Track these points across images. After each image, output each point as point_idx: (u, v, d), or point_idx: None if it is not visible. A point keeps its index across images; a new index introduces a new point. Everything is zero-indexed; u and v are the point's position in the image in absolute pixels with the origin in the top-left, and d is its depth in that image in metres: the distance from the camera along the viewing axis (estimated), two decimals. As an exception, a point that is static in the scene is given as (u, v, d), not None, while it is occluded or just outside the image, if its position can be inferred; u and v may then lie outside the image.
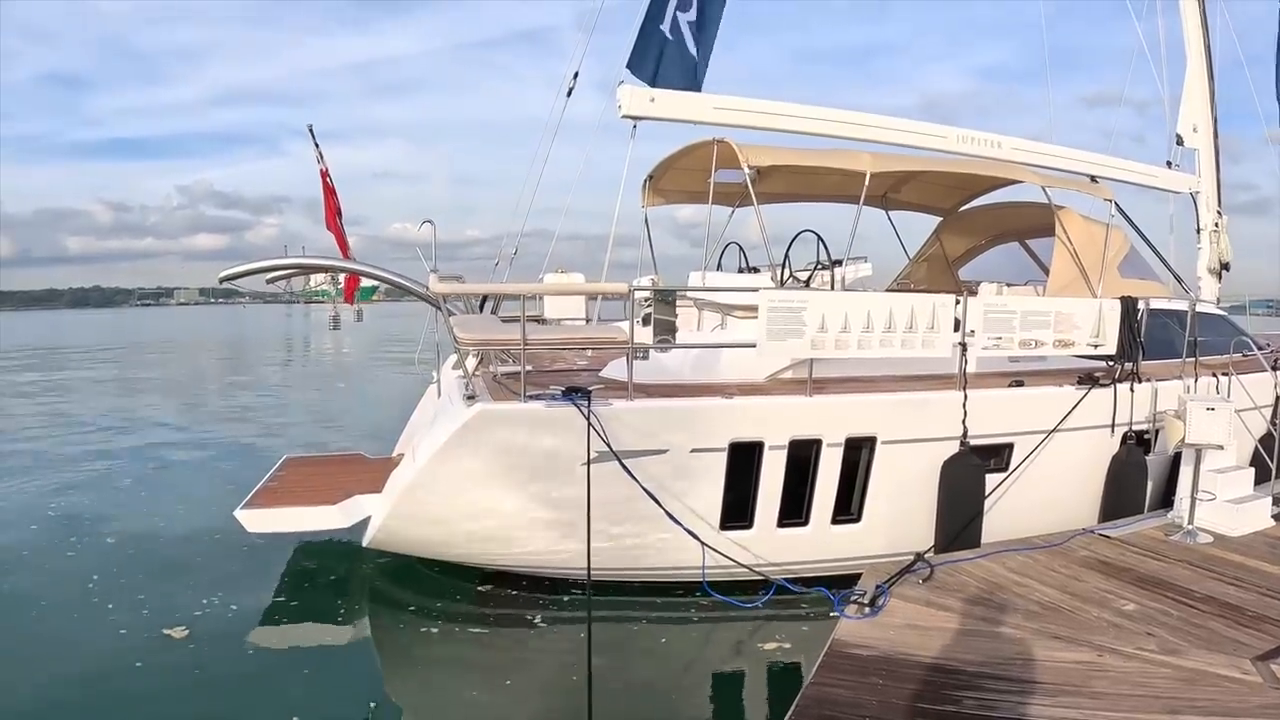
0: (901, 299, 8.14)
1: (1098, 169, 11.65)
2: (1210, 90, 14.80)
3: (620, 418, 7.21)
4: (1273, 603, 6.33)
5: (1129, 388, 9.10)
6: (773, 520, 7.88)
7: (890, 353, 8.00)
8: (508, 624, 7.55)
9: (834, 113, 10.13)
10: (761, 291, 7.71)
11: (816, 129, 9.95)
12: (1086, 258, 10.32)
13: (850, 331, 7.81)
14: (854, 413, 7.93)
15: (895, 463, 8.07)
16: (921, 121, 10.79)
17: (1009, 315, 8.48)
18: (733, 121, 9.57)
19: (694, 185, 11.29)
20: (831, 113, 10.12)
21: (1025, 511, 8.42)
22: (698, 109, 9.44)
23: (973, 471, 8.12)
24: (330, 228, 10.55)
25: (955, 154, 10.72)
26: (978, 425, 8.13)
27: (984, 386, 8.45)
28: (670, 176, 11.47)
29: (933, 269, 13.70)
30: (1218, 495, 8.07)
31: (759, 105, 9.69)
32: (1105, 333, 8.99)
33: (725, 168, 9.77)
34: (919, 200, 13.40)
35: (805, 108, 9.99)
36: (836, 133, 10.05)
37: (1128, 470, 9.03)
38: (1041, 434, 8.54)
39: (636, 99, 9.07)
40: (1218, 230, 14.18)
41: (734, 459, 7.63)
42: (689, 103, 9.48)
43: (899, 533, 8.14)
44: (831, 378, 8.38)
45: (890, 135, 10.30)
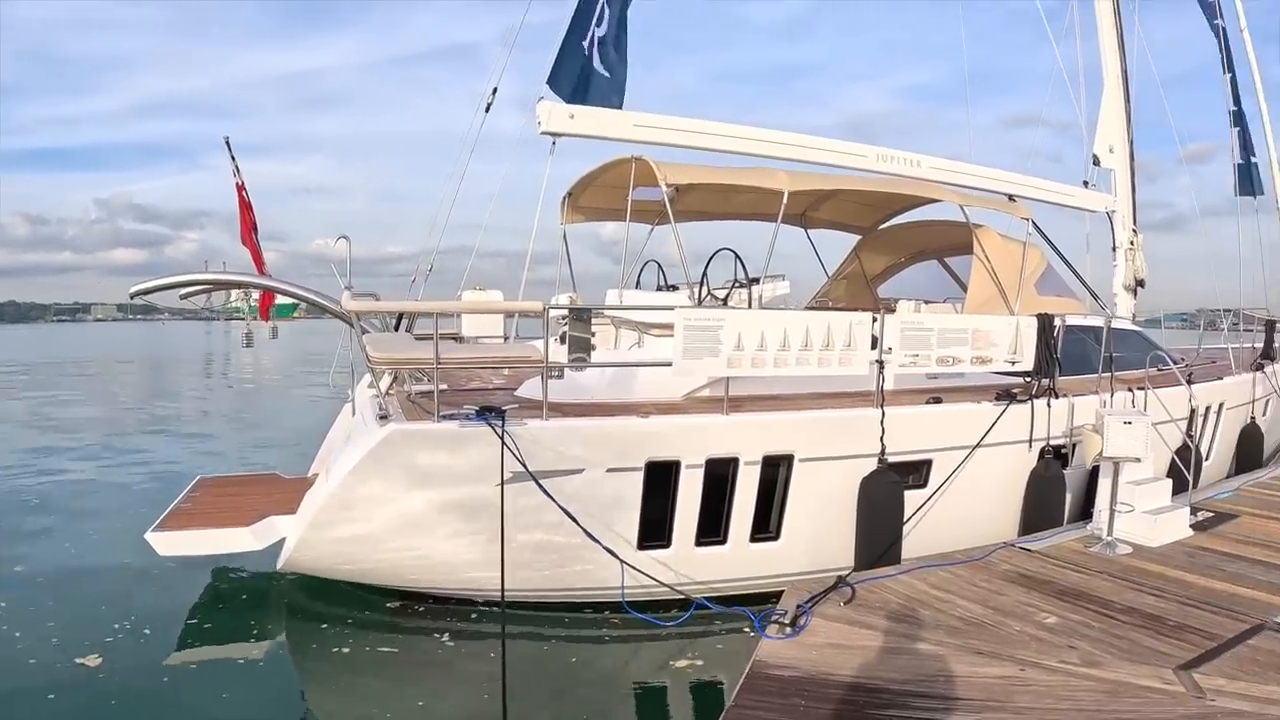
0: (818, 317, 8.11)
1: (1016, 188, 11.77)
2: (1126, 112, 15.15)
3: (535, 437, 7.07)
4: (1193, 612, 6.34)
5: (1046, 403, 9.17)
6: (690, 539, 7.76)
7: (807, 371, 7.95)
8: (423, 644, 7.30)
9: (754, 131, 10.09)
10: (677, 310, 7.62)
11: (736, 147, 9.93)
12: (1004, 275, 10.40)
13: (767, 350, 7.74)
14: (771, 431, 7.85)
15: (813, 480, 8.00)
16: (842, 140, 10.82)
17: (926, 333, 8.49)
18: (652, 139, 9.51)
19: (613, 203, 11.18)
20: (751, 131, 10.08)
21: (945, 527, 8.41)
22: (617, 126, 9.36)
23: (891, 488, 8.07)
24: (246, 243, 10.25)
25: (875, 173, 10.76)
26: (896, 442, 8.10)
27: (902, 403, 8.45)
28: (589, 194, 11.38)
29: (852, 287, 13.76)
30: (1136, 507, 8.12)
31: (679, 123, 9.63)
32: (1022, 349, 9.04)
33: (643, 185, 9.70)
34: (838, 218, 13.46)
35: (725, 126, 9.94)
36: (756, 151, 10.02)
37: (1046, 484, 9.07)
38: (960, 450, 8.55)
39: (556, 115, 8.97)
40: (1133, 248, 14.49)
41: (650, 478, 7.51)
42: (608, 120, 9.39)
43: (818, 551, 8.08)
44: (750, 395, 8.31)
45: (810, 154, 10.30)
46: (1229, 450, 13.07)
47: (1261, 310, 17.42)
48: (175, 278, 7.48)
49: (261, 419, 23.67)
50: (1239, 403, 13.03)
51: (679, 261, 9.54)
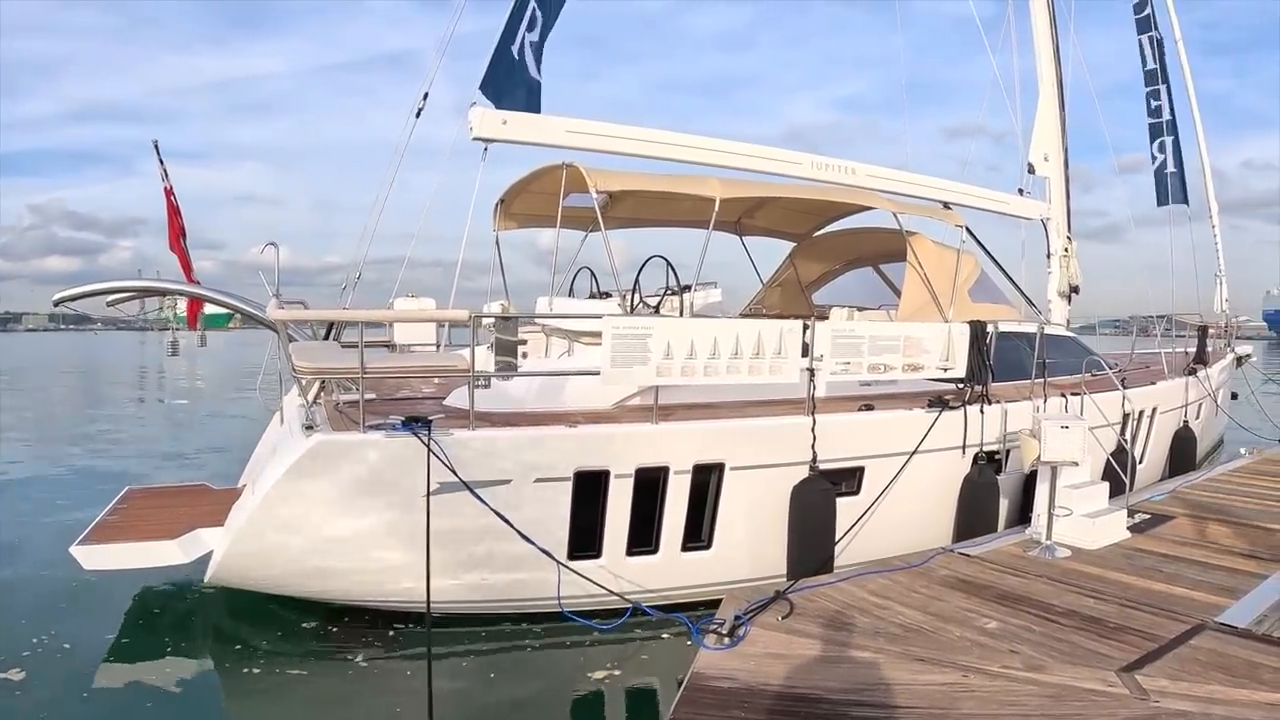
0: (748, 325, 7.98)
1: (952, 196, 11.81)
2: (1061, 120, 15.32)
3: (462, 447, 6.87)
4: (1133, 613, 6.28)
5: (979, 409, 9.12)
6: (621, 549, 7.59)
7: (738, 379, 7.84)
8: (352, 658, 7.01)
9: (688, 138, 10.00)
10: (605, 318, 7.46)
11: (670, 154, 9.81)
12: (938, 283, 10.37)
13: (697, 358, 7.62)
14: (701, 439, 7.72)
15: (744, 489, 7.87)
16: (776, 148, 10.75)
17: (858, 340, 8.42)
18: (586, 145, 9.33)
19: (546, 209, 10.95)
20: (685, 138, 9.98)
21: (879, 534, 8.33)
22: (550, 132, 9.16)
23: (823, 496, 7.96)
24: (174, 249, 10.01)
25: (810, 181, 10.69)
26: (827, 450, 8.00)
27: (834, 411, 8.35)
28: (522, 200, 11.18)
29: (786, 294, 13.70)
30: (1074, 510, 8.08)
31: (613, 129, 9.47)
32: (955, 356, 9.01)
33: (576, 192, 9.54)
34: (772, 226, 13.41)
35: (659, 133, 9.81)
36: (690, 158, 9.91)
37: (980, 490, 9.03)
38: (893, 457, 8.48)
39: (488, 121, 8.74)
40: (1067, 255, 14.61)
41: (579, 488, 7.34)
42: (541, 125, 9.19)
43: (752, 559, 7.97)
44: (681, 404, 8.14)
45: (744, 161, 10.19)
46: (1163, 454, 13.17)
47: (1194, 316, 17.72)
48: (100, 285, 7.25)
49: (192, 429, 23.04)
50: (1172, 407, 13.15)
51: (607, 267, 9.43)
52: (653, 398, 7.74)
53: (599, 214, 8.76)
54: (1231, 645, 5.70)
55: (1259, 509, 9.78)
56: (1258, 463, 13.02)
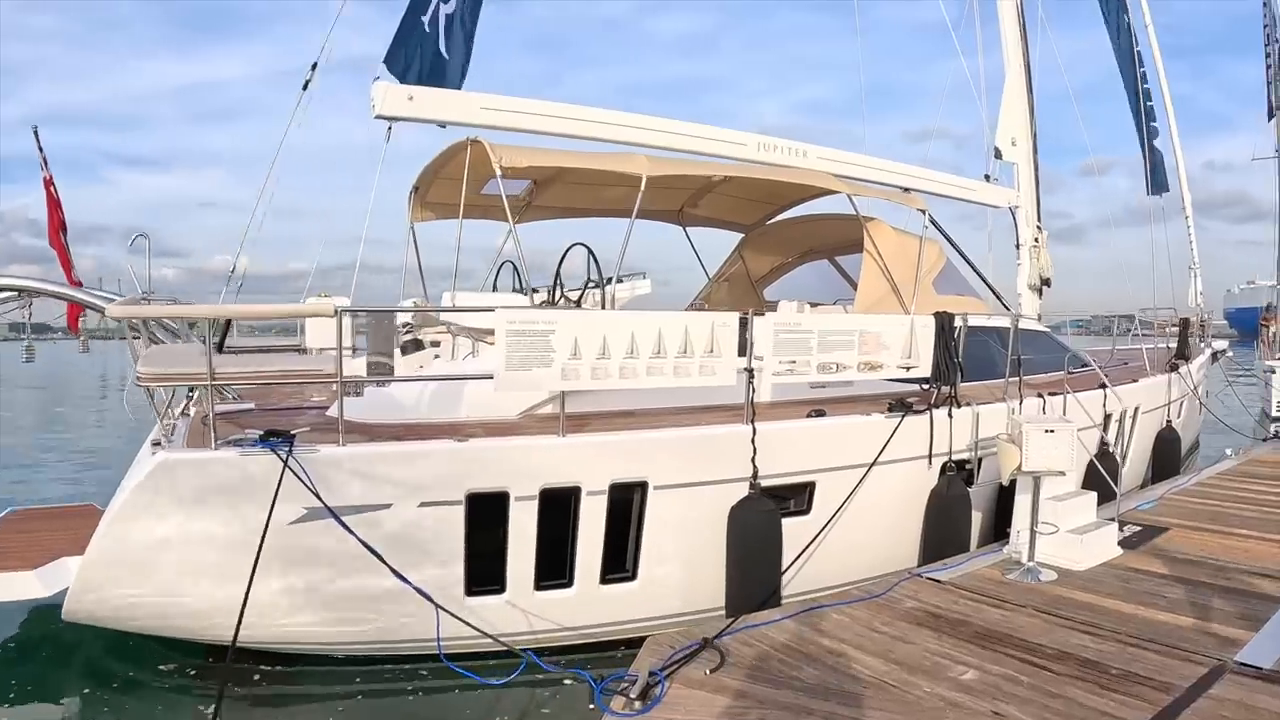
0: (674, 318, 6.84)
1: (913, 182, 10.84)
2: (1029, 104, 14.38)
3: (331, 465, 5.83)
4: (1137, 654, 5.21)
5: (947, 413, 8.05)
6: (529, 582, 6.52)
7: (660, 383, 6.72)
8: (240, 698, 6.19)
9: (621, 116, 9.05)
10: (498, 312, 6.30)
11: (602, 134, 8.88)
12: (898, 272, 9.32)
13: (610, 358, 6.48)
14: (618, 454, 6.62)
15: (672, 511, 6.80)
16: (719, 127, 9.74)
17: (805, 336, 7.30)
18: (504, 124, 8.40)
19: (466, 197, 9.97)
20: (619, 116, 9.04)
21: (833, 559, 7.33)
22: (463, 109, 8.21)
23: (765, 517, 6.84)
24: (54, 244, 9.44)
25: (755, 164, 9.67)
26: (771, 463, 6.91)
27: (778, 418, 7.29)
28: (438, 188, 10.02)
29: (735, 289, 12.51)
30: (1060, 526, 7.00)
31: (535, 106, 8.55)
32: (918, 353, 7.91)
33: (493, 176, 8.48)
34: (718, 215, 12.21)
35: (589, 110, 8.88)
36: (625, 138, 8.97)
37: (949, 504, 7.94)
38: (848, 470, 7.40)
39: (392, 97, 7.80)
40: (1038, 245, 13.58)
41: (474, 513, 6.27)
42: (452, 102, 8.24)
43: (684, 591, 6.94)
44: (598, 411, 7.19)
45: (684, 142, 9.29)
46: (1145, 456, 12.21)
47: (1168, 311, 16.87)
48: None
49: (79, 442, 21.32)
50: (1155, 406, 12.17)
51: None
52: (571, 405, 6.70)
53: (503, 199, 7.68)
54: (1260, 694, 4.66)
55: (1258, 516, 8.80)
56: (1246, 464, 12.07)
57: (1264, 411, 22.29)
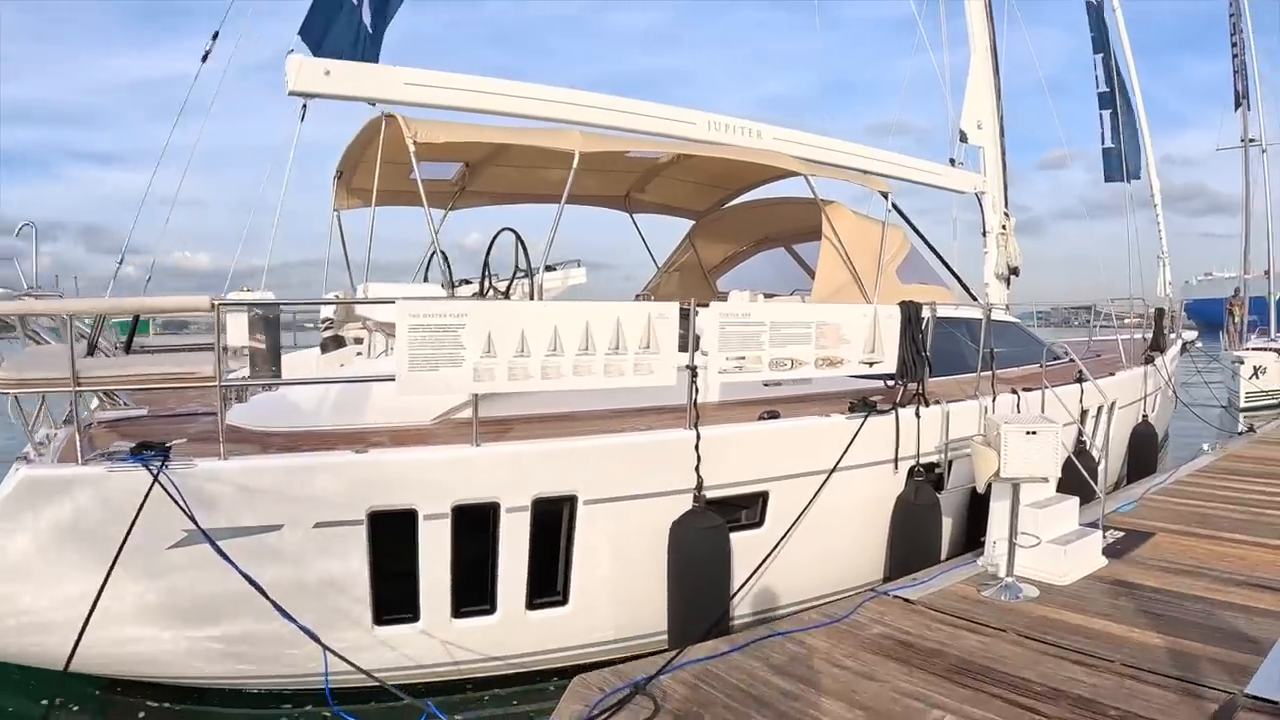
0: (604, 310, 6.05)
1: (875, 165, 10.30)
2: (996, 87, 13.74)
3: (212, 481, 5.11)
4: (1137, 687, 4.55)
5: (914, 412, 7.35)
6: (445, 609, 5.79)
7: (588, 383, 5.96)
8: None
9: (556, 91, 8.47)
10: (399, 303, 5.52)
11: (537, 111, 8.26)
12: (859, 260, 8.62)
13: (530, 355, 5.70)
14: (541, 465, 5.87)
15: (606, 528, 6.07)
16: (667, 105, 9.16)
17: (755, 328, 6.54)
18: (432, 100, 7.83)
19: (395, 182, 9.13)
20: (553, 91, 8.46)
21: (790, 576, 6.66)
22: (385, 84, 7.60)
23: (710, 533, 6.10)
24: None
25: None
26: (718, 472, 6.21)
27: (727, 421, 6.59)
28: (363, 172, 9.19)
29: (686, 280, 11.72)
30: (1041, 537, 6.30)
31: (464, 81, 7.93)
32: (883, 346, 7.18)
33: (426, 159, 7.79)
34: (667, 200, 11.42)
35: (522, 85, 8.27)
36: (562, 116, 8.33)
37: (918, 512, 7.23)
38: (805, 477, 6.68)
39: (307, 72, 7.18)
40: (1005, 233, 12.93)
41: (378, 533, 5.54)
42: (373, 77, 7.61)
43: (622, 616, 6.26)
44: (523, 415, 6.51)
45: (627, 120, 8.72)
46: (1121, 452, 11.62)
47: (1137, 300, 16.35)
48: None
49: None
50: (1132, 400, 11.55)
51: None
52: (490, 408, 6.05)
53: (419, 184, 6.97)
54: (1279, 737, 3.97)
55: (1247, 519, 8.17)
56: (1225, 459, 11.46)
57: (1231, 402, 22.00)
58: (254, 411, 6.43)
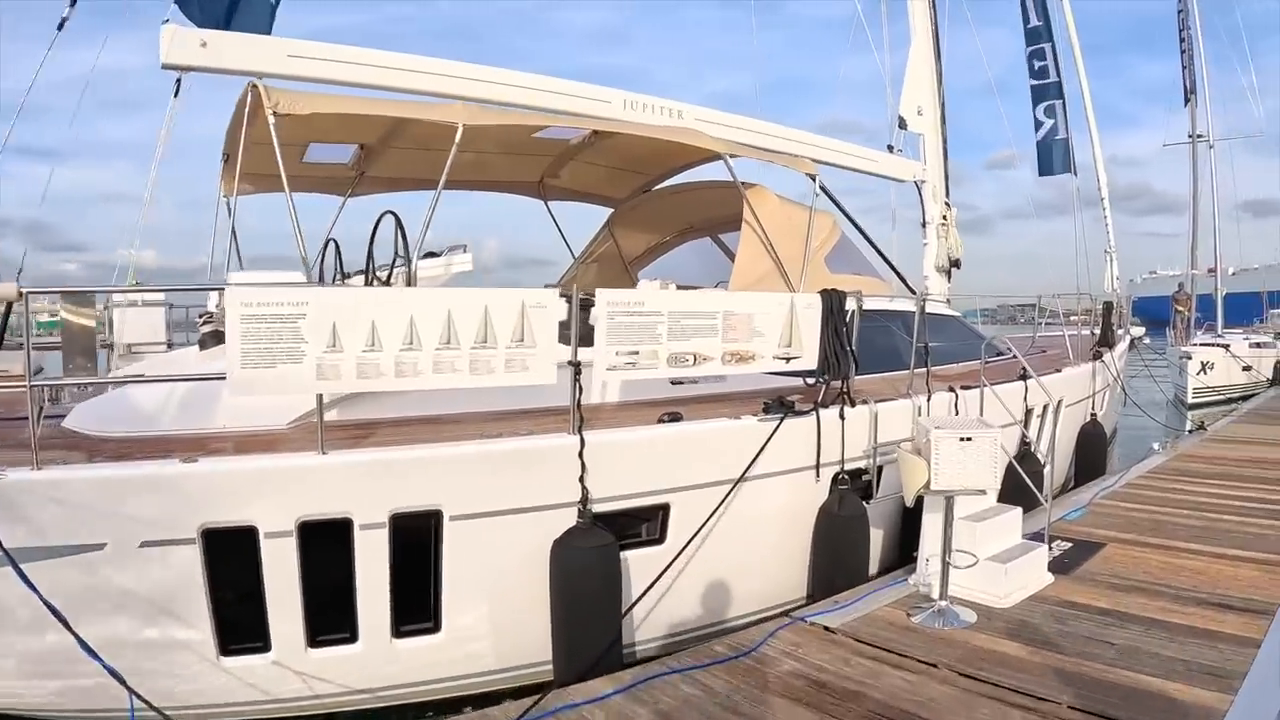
0: (469, 297, 5.21)
1: (806, 149, 9.53)
2: (937, 71, 13.05)
3: (25, 494, 4.42)
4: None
5: (838, 413, 6.57)
6: (299, 638, 5.04)
7: (451, 381, 5.10)
8: None
9: (457, 66, 7.69)
10: (229, 290, 4.73)
11: (435, 87, 7.49)
12: (784, 247, 7.85)
13: (381, 349, 4.85)
14: (398, 476, 5.05)
15: (478, 546, 5.29)
16: (578, 82, 8.42)
17: (650, 319, 5.68)
18: (321, 75, 7.08)
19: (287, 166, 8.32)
20: (453, 66, 7.68)
21: (697, 597, 5.94)
22: (265, 57, 6.83)
23: (597, 553, 5.27)
24: None
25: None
26: (609, 483, 5.44)
27: (621, 423, 5.82)
28: (252, 155, 8.26)
29: (605, 271, 10.85)
30: (979, 554, 5.54)
31: (354, 54, 7.21)
32: (801, 339, 6.37)
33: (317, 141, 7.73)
34: (583, 186, 10.52)
35: (418, 59, 7.54)
36: (465, 92, 7.53)
37: (842, 524, 6.44)
38: (712, 487, 5.89)
39: (181, 43, 6.44)
40: (946, 224, 12.23)
41: (214, 553, 4.80)
42: (254, 49, 6.84)
43: (502, 644, 5.52)
44: (388, 418, 5.78)
45: (534, 98, 7.97)
46: (1068, 453, 10.98)
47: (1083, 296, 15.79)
48: None
49: None
50: (1079, 398, 10.89)
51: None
52: (353, 409, 5.53)
53: (276, 150, 6.10)
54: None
55: (1202, 525, 7.55)
56: (1176, 460, 10.87)
57: (1178, 398, 21.81)
58: (94, 414, 5.70)
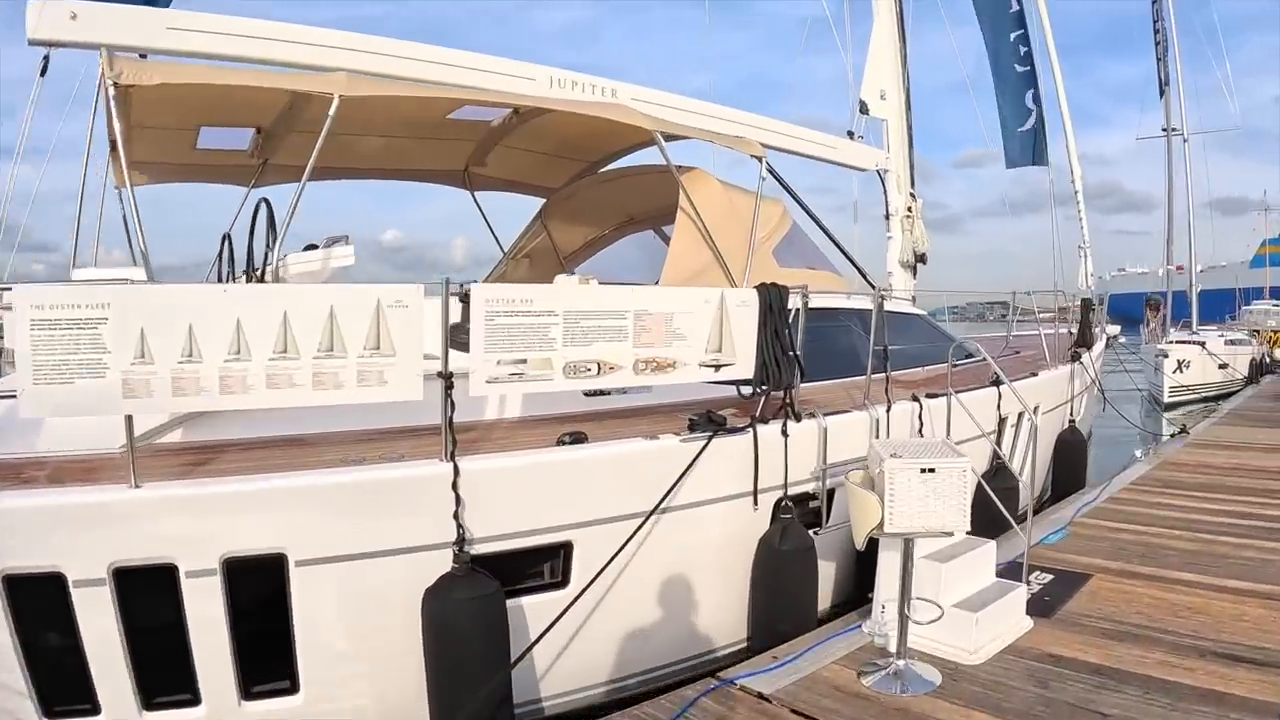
0: (313, 295, 4.23)
1: (756, 134, 8.62)
2: (902, 54, 12.27)
3: None
4: None
5: (780, 429, 5.61)
6: (130, 699, 4.19)
7: (290, 399, 4.15)
8: None
9: (356, 39, 6.88)
10: (16, 290, 3.78)
11: (334, 63, 6.61)
12: (726, 238, 6.89)
13: (202, 360, 3.89)
14: (229, 513, 4.13)
15: (335, 596, 4.38)
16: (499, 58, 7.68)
17: (543, 319, 4.66)
18: (205, 49, 6.42)
19: (175, 153, 7.52)
20: (352, 39, 6.86)
21: (609, 650, 5.09)
22: (143, 29, 6.11)
23: (478, 604, 4.31)
24: None
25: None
26: (493, 519, 4.50)
27: (514, 445, 4.89)
28: (145, 141, 7.26)
29: (538, 268, 9.71)
30: (944, 603, 4.61)
31: (243, 26, 6.46)
32: (733, 343, 5.39)
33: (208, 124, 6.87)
34: (512, 175, 9.43)
35: (312, 30, 6.79)
36: (365, 67, 6.74)
37: (785, 560, 5.45)
38: (625, 520, 4.90)
39: (49, 16, 5.75)
40: (911, 215, 11.34)
41: (19, 603, 4.03)
42: (130, 20, 6.08)
43: (378, 707, 4.62)
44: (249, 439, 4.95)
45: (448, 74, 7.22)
46: (1045, 464, 10.10)
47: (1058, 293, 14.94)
48: None
49: None
50: (1057, 403, 10.00)
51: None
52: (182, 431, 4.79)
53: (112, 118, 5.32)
54: None
55: (1195, 548, 6.73)
56: (1160, 468, 10.04)
57: (1153, 397, 21.35)
58: None
